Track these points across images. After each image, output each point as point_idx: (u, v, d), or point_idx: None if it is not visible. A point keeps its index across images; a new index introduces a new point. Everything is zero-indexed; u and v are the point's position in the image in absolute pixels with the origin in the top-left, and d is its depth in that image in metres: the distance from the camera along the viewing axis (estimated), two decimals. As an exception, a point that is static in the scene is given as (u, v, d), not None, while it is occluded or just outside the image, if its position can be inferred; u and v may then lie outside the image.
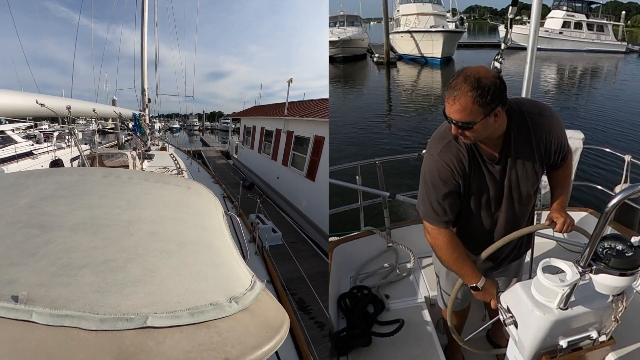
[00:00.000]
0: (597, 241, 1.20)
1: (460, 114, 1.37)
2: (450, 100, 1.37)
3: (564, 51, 31.01)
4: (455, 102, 1.36)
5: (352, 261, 2.97)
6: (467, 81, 1.34)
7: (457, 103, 1.36)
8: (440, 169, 1.54)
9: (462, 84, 1.34)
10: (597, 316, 1.35)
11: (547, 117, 1.55)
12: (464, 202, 1.62)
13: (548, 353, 1.37)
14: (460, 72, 1.38)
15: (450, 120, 1.42)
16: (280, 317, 1.09)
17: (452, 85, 1.37)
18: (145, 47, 12.93)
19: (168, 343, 0.85)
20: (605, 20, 32.84)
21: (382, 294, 2.66)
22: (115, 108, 9.14)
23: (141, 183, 1.82)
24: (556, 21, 32.21)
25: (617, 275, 1.21)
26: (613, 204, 1.11)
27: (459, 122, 1.39)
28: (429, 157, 1.59)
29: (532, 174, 1.59)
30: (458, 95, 1.35)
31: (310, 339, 3.33)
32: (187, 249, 1.27)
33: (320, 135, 7.86)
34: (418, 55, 28.59)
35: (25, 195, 1.47)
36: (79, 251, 1.11)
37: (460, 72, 1.38)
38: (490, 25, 53.44)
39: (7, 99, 4.09)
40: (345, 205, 3.31)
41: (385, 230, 3.09)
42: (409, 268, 2.88)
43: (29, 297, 0.88)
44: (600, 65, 26.86)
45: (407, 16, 29.34)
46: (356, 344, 2.23)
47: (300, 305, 4.33)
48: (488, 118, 1.38)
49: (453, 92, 1.36)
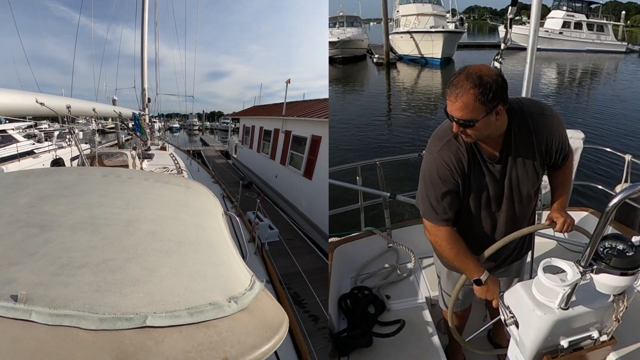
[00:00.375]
0: (597, 241, 1.20)
1: (462, 111, 1.37)
2: (452, 98, 1.37)
3: (564, 51, 30.99)
4: (457, 100, 1.36)
5: (353, 262, 2.97)
6: (469, 79, 1.34)
7: (459, 100, 1.36)
8: (439, 168, 1.54)
9: (464, 81, 1.34)
10: (598, 316, 1.35)
11: (548, 116, 1.55)
12: (464, 201, 1.62)
13: (549, 353, 1.37)
14: (462, 70, 1.38)
15: (451, 118, 1.42)
16: (280, 317, 1.09)
17: (453, 83, 1.37)
18: (145, 47, 12.91)
19: (167, 343, 0.85)
20: (605, 20, 32.79)
21: (382, 294, 2.65)
22: (115, 107, 9.13)
23: (141, 183, 1.82)
24: (556, 21, 32.15)
25: (618, 275, 1.21)
26: (614, 204, 1.11)
27: (460, 120, 1.39)
28: (428, 156, 1.59)
29: (533, 174, 1.59)
30: (460, 92, 1.35)
31: (306, 332, 3.36)
32: (186, 248, 1.27)
33: (317, 135, 7.95)
34: (418, 56, 28.48)
35: (25, 194, 1.47)
36: (79, 250, 1.11)
37: (461, 70, 1.38)
38: (490, 26, 53.45)
39: (7, 98, 4.09)
40: (346, 206, 3.31)
41: (386, 230, 3.09)
42: (410, 268, 2.88)
43: (28, 297, 0.88)
44: (600, 65, 26.83)
45: (407, 17, 29.25)
46: (357, 345, 2.23)
47: (295, 299, 4.44)
48: (489, 116, 1.38)
49: (455, 89, 1.36)
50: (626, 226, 2.91)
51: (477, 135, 1.44)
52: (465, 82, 1.34)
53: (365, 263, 2.98)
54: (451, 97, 1.38)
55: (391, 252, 3.07)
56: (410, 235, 3.04)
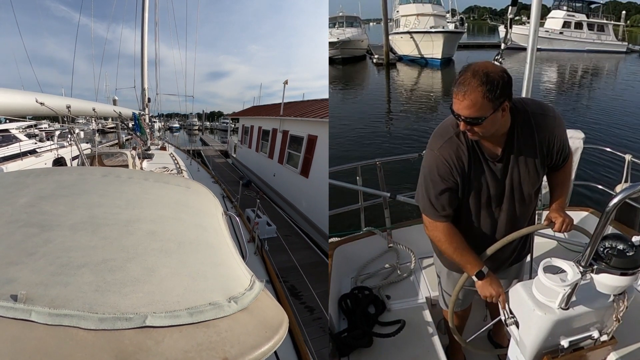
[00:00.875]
0: (598, 241, 1.20)
1: (470, 109, 1.36)
2: (460, 96, 1.37)
3: (565, 51, 30.90)
4: (465, 98, 1.35)
5: (353, 262, 2.97)
6: (476, 76, 1.33)
7: (467, 99, 1.35)
8: (439, 165, 1.53)
9: (471, 79, 1.34)
10: (598, 316, 1.35)
11: (550, 117, 1.55)
12: (464, 200, 1.62)
13: (549, 353, 1.37)
14: (468, 68, 1.37)
15: (458, 117, 1.41)
16: (279, 317, 1.09)
17: (460, 81, 1.37)
18: (145, 47, 12.91)
19: (167, 342, 0.85)
20: (605, 20, 32.69)
21: (383, 294, 2.66)
22: (115, 107, 9.14)
23: (141, 182, 1.82)
24: (556, 21, 32.07)
25: (618, 275, 1.21)
26: (614, 204, 1.11)
27: (468, 118, 1.38)
28: (429, 153, 1.59)
29: (534, 174, 1.59)
30: (468, 90, 1.34)
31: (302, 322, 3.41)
32: (186, 248, 1.27)
33: (313, 134, 8.12)
34: (418, 56, 28.33)
35: (25, 194, 1.47)
36: (78, 250, 1.10)
37: (467, 68, 1.37)
38: (489, 26, 53.33)
39: (7, 97, 4.08)
40: (346, 206, 3.31)
41: (386, 230, 3.09)
42: (410, 268, 2.88)
43: (28, 296, 0.88)
44: (601, 66, 26.73)
45: (407, 17, 29.10)
46: (357, 345, 2.23)
47: (292, 292, 4.61)
48: (497, 113, 1.38)
49: (462, 87, 1.35)
50: (626, 226, 2.91)
51: (484, 132, 1.44)
52: (473, 79, 1.34)
53: (366, 263, 2.98)
54: (458, 95, 1.37)
55: (391, 252, 3.06)
56: (410, 236, 3.04)
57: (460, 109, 1.38)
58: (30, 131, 11.19)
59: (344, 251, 2.94)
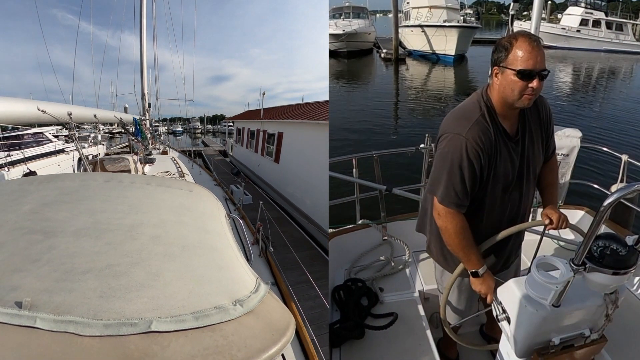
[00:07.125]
0: (591, 240, 1.19)
1: (544, 62, 1.35)
2: (535, 49, 1.34)
3: (581, 50, 28.48)
4: (540, 50, 1.34)
5: (347, 254, 2.97)
6: (528, 34, 1.36)
7: (541, 50, 1.33)
8: (470, 148, 1.45)
9: (527, 36, 1.35)
10: (589, 314, 1.35)
11: (544, 99, 1.60)
12: (487, 182, 1.55)
13: (540, 349, 1.37)
14: (513, 35, 1.38)
15: (532, 73, 1.36)
16: (286, 319, 1.08)
17: (521, 38, 1.36)
18: (144, 52, 12.96)
19: (173, 347, 0.84)
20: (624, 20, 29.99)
21: (376, 287, 2.65)
22: (115, 113, 9.18)
23: (143, 187, 1.82)
24: (574, 18, 29.20)
25: (610, 274, 1.21)
26: (608, 203, 1.11)
27: (544, 71, 1.36)
28: (455, 137, 1.47)
29: (539, 154, 1.62)
30: (537, 42, 1.34)
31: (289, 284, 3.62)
32: (190, 252, 1.26)
33: (280, 131, 11.10)
34: (429, 52, 25.87)
35: (28, 201, 1.47)
36: (82, 256, 1.10)
37: (512, 35, 1.39)
38: (498, 20, 51.66)
39: (9, 106, 4.10)
40: (342, 198, 3.31)
41: (381, 223, 3.09)
42: (404, 262, 2.88)
43: (32, 303, 0.88)
44: (618, 67, 24.57)
45: (418, 9, 26.32)
46: (349, 336, 2.23)
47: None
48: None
49: (530, 40, 1.34)
50: (620, 226, 2.91)
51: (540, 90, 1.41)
52: (528, 36, 1.34)
53: (360, 255, 2.98)
54: (532, 47, 1.34)
55: (386, 245, 3.06)
56: (405, 229, 3.04)
57: (538, 62, 1.34)
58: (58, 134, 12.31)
59: (338, 243, 2.95)
